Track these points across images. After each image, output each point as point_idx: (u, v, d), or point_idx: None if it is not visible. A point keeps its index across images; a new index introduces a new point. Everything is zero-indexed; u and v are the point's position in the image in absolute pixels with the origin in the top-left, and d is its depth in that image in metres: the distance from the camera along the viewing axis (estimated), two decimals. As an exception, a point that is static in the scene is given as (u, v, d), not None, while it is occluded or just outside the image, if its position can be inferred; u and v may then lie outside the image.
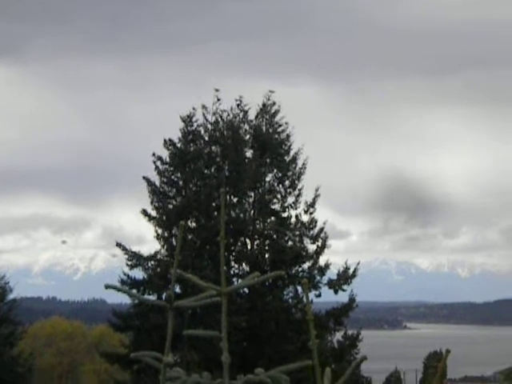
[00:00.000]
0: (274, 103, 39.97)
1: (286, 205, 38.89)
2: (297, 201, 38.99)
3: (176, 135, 38.75)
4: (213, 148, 39.00)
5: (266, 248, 38.28)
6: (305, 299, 3.01)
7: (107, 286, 2.94)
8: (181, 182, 38.31)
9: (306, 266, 38.11)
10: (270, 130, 39.56)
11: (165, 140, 38.63)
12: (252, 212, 38.49)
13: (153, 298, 35.58)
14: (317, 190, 39.15)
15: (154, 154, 38.31)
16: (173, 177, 38.41)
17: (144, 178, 38.14)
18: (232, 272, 37.49)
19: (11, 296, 39.32)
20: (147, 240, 38.38)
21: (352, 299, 38.42)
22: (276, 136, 39.49)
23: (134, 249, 37.53)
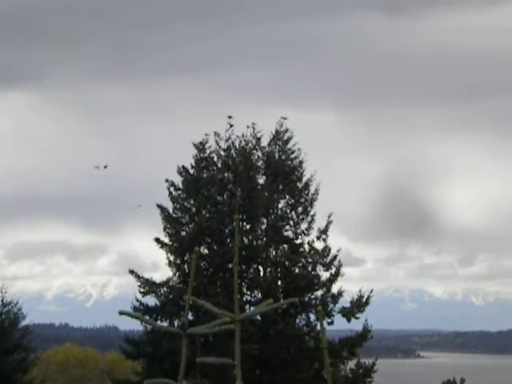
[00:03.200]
0: (287, 130, 40.10)
1: (298, 231, 38.82)
2: (309, 227, 38.93)
3: (190, 161, 38.91)
4: (225, 174, 39.08)
5: (279, 275, 38.15)
6: (318, 327, 3.00)
7: (121, 313, 2.94)
8: (194, 209, 38.35)
9: (318, 293, 37.96)
10: (283, 157, 39.61)
11: (178, 167, 38.78)
12: (265, 239, 38.43)
13: (165, 324, 35.47)
14: (329, 217, 39.11)
15: (167, 180, 38.41)
16: (186, 203, 38.46)
17: (157, 205, 38.21)
18: (245, 299, 37.36)
19: (24, 323, 39.32)
20: (162, 267, 38.37)
21: (366, 329, 38.12)
22: (289, 162, 39.54)
23: (148, 275, 37.58)
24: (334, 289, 38.06)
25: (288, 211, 39.09)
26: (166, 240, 37.82)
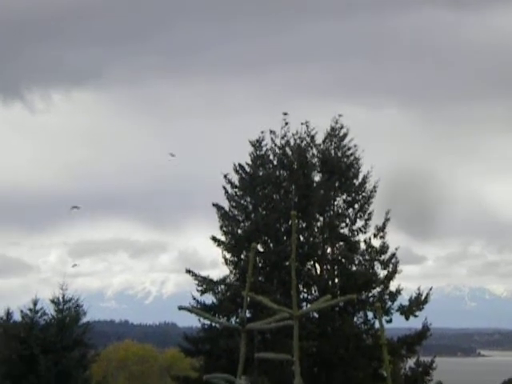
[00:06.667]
0: (343, 126, 39.88)
1: (355, 229, 38.58)
2: (366, 225, 38.63)
3: (246, 158, 39.01)
4: (281, 172, 39.07)
5: (336, 273, 37.99)
6: (377, 324, 2.98)
7: (180, 308, 2.97)
8: (250, 207, 38.45)
9: (376, 291, 37.67)
10: (339, 154, 39.41)
11: (234, 164, 38.92)
12: (321, 236, 38.30)
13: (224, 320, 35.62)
14: (387, 214, 38.75)
15: (225, 176, 38.52)
16: (242, 201, 38.59)
17: (214, 204, 38.40)
18: (302, 297, 37.30)
19: (85, 319, 39.90)
20: (221, 264, 38.54)
21: (426, 327, 37.69)
22: (344, 159, 39.32)
23: (207, 273, 37.83)
24: (392, 287, 37.76)
25: (345, 208, 38.88)
26: (223, 238, 38.02)
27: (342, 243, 38.35)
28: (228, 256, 37.74)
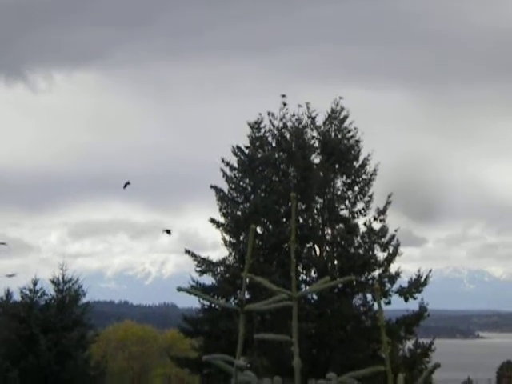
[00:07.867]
0: (343, 109, 39.78)
1: (355, 211, 38.60)
2: (367, 207, 38.65)
3: (244, 140, 38.94)
4: (280, 154, 39.02)
5: (335, 255, 38.06)
6: (376, 306, 2.99)
7: (179, 289, 2.97)
8: (249, 188, 38.44)
9: (375, 273, 37.76)
10: (339, 136, 39.35)
11: (233, 147, 38.86)
12: (320, 218, 38.33)
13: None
14: (389, 197, 38.71)
15: (223, 160, 38.52)
16: (241, 183, 38.58)
17: (212, 186, 38.36)
18: (301, 278, 37.38)
19: (84, 300, 40.02)
20: (221, 246, 38.58)
21: (423, 308, 37.82)
22: (345, 142, 39.27)
23: (206, 254, 37.88)
24: (392, 269, 37.83)
25: (344, 191, 38.87)
26: (222, 220, 38.04)
27: (341, 225, 38.38)
28: (227, 238, 37.80)
